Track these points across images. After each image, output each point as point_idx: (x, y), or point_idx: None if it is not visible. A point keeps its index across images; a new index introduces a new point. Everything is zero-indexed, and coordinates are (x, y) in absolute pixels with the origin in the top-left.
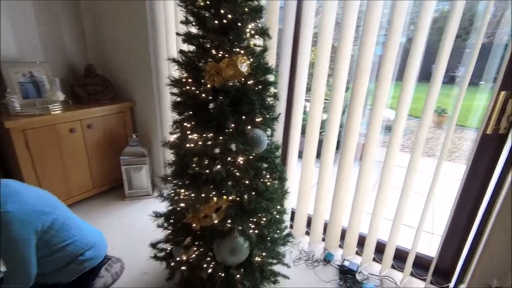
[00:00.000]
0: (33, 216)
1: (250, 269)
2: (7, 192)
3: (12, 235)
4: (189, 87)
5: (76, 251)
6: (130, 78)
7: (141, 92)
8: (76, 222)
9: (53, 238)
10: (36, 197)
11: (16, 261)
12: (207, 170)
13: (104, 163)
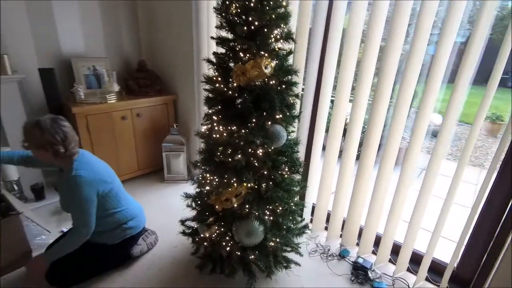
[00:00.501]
0: (97, 182)
1: (264, 252)
2: (82, 160)
3: (81, 195)
4: (219, 84)
5: (122, 219)
6: (175, 74)
7: (184, 87)
8: (125, 195)
9: (107, 203)
10: (101, 168)
11: (81, 216)
12: (230, 159)
13: (148, 148)
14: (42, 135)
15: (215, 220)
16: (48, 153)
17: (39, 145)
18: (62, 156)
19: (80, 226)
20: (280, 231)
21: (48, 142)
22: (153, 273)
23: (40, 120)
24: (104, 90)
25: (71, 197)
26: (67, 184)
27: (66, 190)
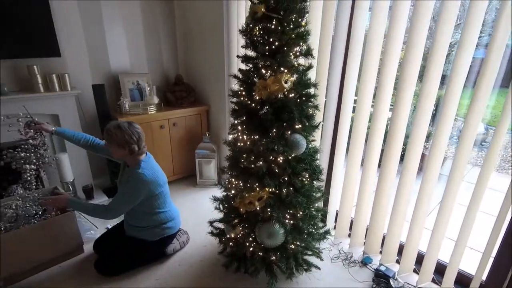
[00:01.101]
0: (153, 184)
1: (285, 254)
2: (148, 161)
3: (133, 188)
4: (243, 98)
5: (163, 219)
6: (207, 86)
7: (215, 98)
8: (169, 199)
9: (155, 203)
10: (160, 173)
11: (118, 202)
12: (253, 165)
13: (183, 155)
14: (123, 135)
15: (239, 222)
16: (124, 151)
17: (119, 144)
18: (134, 154)
19: (110, 207)
20: (301, 235)
21: (126, 141)
22: (184, 269)
23: (120, 123)
24: (146, 102)
25: (123, 187)
26: (128, 176)
27: (125, 181)
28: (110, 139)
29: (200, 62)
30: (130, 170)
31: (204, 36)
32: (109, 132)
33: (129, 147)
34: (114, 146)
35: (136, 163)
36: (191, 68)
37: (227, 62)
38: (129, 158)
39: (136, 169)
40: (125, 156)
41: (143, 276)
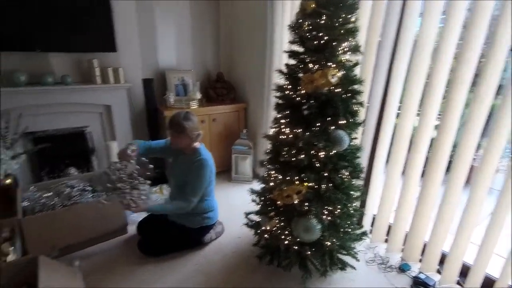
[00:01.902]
0: (212, 168)
1: (321, 250)
2: (203, 148)
3: (204, 174)
4: (288, 92)
5: (206, 208)
6: (247, 85)
7: (254, 96)
8: (213, 190)
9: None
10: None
11: (196, 189)
12: (294, 158)
13: (220, 150)
14: (193, 124)
15: (276, 214)
16: (188, 138)
17: (190, 133)
18: (195, 141)
19: (192, 196)
20: (337, 233)
21: (192, 128)
22: (219, 257)
23: (185, 115)
24: (189, 97)
25: (193, 174)
26: (191, 164)
27: (187, 169)
28: (182, 130)
29: (241, 61)
30: (189, 157)
31: (247, 35)
32: (181, 124)
33: (198, 134)
34: (185, 136)
35: (195, 150)
36: (232, 66)
37: (269, 60)
38: (189, 146)
39: (197, 156)
40: (189, 144)
41: (182, 260)
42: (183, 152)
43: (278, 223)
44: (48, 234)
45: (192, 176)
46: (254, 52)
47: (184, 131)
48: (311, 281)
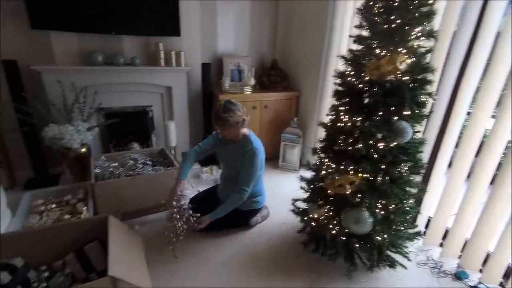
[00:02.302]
0: (262, 157)
1: (370, 244)
2: (253, 136)
3: (255, 164)
4: (350, 79)
5: (255, 192)
6: (301, 73)
7: (307, 85)
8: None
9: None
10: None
11: (249, 179)
12: (350, 148)
13: (269, 137)
14: (238, 113)
15: (325, 203)
16: (233, 128)
17: (237, 122)
18: (241, 127)
19: (245, 186)
20: (389, 229)
21: (235, 118)
22: (263, 240)
23: (226, 106)
24: (243, 83)
25: (245, 164)
26: (242, 154)
27: (238, 156)
28: (228, 122)
29: (297, 49)
30: (239, 146)
31: (305, 23)
32: (223, 118)
33: (243, 120)
34: (230, 127)
35: (244, 138)
36: (287, 54)
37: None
38: (239, 134)
39: (248, 145)
40: (237, 133)
41: (228, 238)
42: (233, 140)
43: (326, 212)
44: (114, 199)
45: (244, 166)
46: (310, 40)
47: (227, 122)
48: (356, 274)
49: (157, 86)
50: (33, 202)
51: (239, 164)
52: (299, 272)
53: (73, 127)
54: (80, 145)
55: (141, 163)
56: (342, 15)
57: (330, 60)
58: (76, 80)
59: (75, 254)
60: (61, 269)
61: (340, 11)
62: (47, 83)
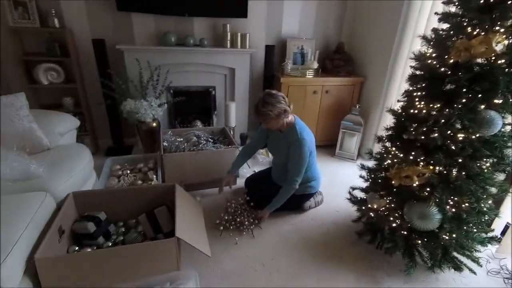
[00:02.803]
0: (311, 143)
1: (434, 243)
2: (300, 124)
3: (302, 154)
4: (431, 61)
5: (309, 177)
6: (368, 57)
7: (374, 69)
8: (315, 159)
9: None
10: (310, 131)
11: (298, 169)
12: (422, 137)
13: (327, 123)
14: (277, 105)
15: (387, 194)
16: (276, 120)
17: (278, 114)
18: (285, 118)
19: (295, 176)
20: (459, 229)
21: (275, 110)
22: (316, 224)
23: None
24: (305, 66)
25: (293, 155)
26: (289, 144)
27: (285, 146)
28: (269, 116)
29: (366, 31)
30: (286, 136)
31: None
32: (262, 112)
33: (284, 111)
34: (271, 119)
35: (291, 127)
36: (355, 37)
37: (401, 25)
38: (284, 124)
39: (294, 136)
40: (281, 124)
41: (281, 219)
42: (280, 130)
43: (388, 204)
44: (179, 170)
45: (292, 157)
46: (382, 21)
47: (268, 116)
48: (415, 271)
49: (221, 67)
50: (112, 167)
51: (286, 154)
52: (351, 260)
53: (147, 103)
54: (152, 119)
55: (203, 140)
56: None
57: (404, 42)
58: (151, 59)
59: (146, 215)
60: (134, 226)
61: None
62: (128, 61)
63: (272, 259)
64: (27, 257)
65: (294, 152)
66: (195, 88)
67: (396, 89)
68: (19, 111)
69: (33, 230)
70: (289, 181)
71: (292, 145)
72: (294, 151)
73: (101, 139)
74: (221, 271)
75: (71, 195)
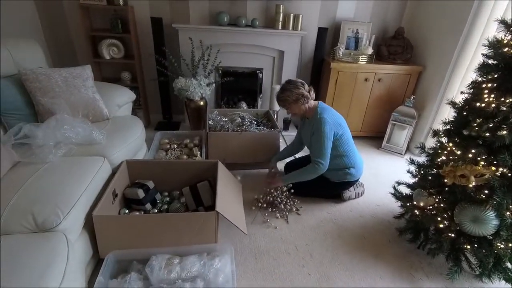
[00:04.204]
0: (335, 124)
1: (486, 249)
2: (322, 106)
3: (323, 132)
4: (508, 49)
5: (346, 164)
6: (430, 43)
7: (436, 58)
8: (353, 146)
9: (339, 146)
10: (336, 114)
11: (320, 150)
12: (487, 134)
13: (376, 113)
14: (293, 91)
15: (437, 192)
16: (301, 104)
17: (296, 100)
18: (305, 103)
19: (318, 158)
20: None
21: (298, 93)
22: (354, 216)
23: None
24: (359, 52)
25: (314, 135)
26: (311, 125)
27: (310, 131)
28: (288, 102)
29: (432, 15)
30: (310, 120)
31: None
32: (283, 99)
33: (302, 95)
34: (293, 105)
35: (313, 112)
36: (417, 21)
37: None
38: (307, 109)
39: (315, 116)
40: (303, 109)
41: (318, 206)
42: (306, 116)
43: (437, 203)
44: (222, 149)
45: (314, 137)
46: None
47: (287, 102)
48: (459, 277)
49: (271, 50)
50: (161, 141)
51: (311, 137)
52: (388, 256)
53: (196, 81)
54: (200, 98)
55: (247, 121)
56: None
57: (476, 27)
58: (203, 39)
59: (189, 188)
60: (177, 198)
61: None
62: (181, 40)
63: (306, 244)
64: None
65: (315, 133)
66: (242, 69)
67: (459, 80)
68: (85, 82)
69: (92, 191)
70: (313, 162)
71: (314, 125)
72: (315, 131)
73: (153, 114)
74: (255, 249)
75: (125, 163)
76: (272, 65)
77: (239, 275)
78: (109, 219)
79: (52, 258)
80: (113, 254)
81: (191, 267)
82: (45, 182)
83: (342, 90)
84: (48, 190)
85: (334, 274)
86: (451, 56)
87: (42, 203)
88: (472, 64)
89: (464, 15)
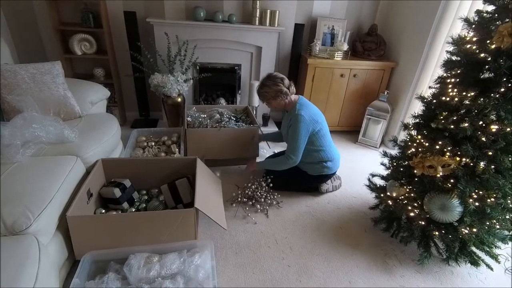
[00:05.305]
0: (312, 121)
1: (452, 235)
2: (302, 102)
3: (298, 129)
4: (470, 46)
5: (323, 157)
6: (402, 40)
7: (408, 54)
8: (330, 140)
9: (316, 141)
10: (315, 110)
11: (293, 146)
12: (452, 126)
13: (352, 108)
14: (271, 86)
15: (408, 183)
16: (274, 100)
17: (275, 95)
18: (288, 95)
19: (290, 153)
20: (481, 224)
21: (277, 89)
22: (332, 208)
23: (261, 81)
24: (335, 48)
25: (290, 129)
26: (289, 119)
27: (288, 124)
28: (266, 98)
29: (403, 13)
30: (289, 114)
31: None
32: (262, 94)
33: (281, 92)
34: (271, 100)
35: (293, 106)
36: (390, 19)
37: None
38: (286, 104)
39: (293, 112)
40: (282, 104)
41: (297, 199)
42: (286, 111)
43: (408, 193)
44: (201, 145)
45: (290, 131)
46: (421, 3)
47: (266, 97)
48: (428, 262)
49: (248, 45)
50: (138, 138)
51: (288, 131)
52: (364, 245)
53: (173, 78)
54: (177, 94)
55: (226, 117)
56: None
57: (443, 25)
58: (179, 34)
59: (168, 186)
60: (156, 195)
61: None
62: (157, 35)
63: (285, 238)
64: (59, 215)
65: (290, 128)
66: (220, 65)
67: (429, 76)
68: (55, 78)
69: (65, 191)
70: (286, 155)
71: (291, 120)
72: (292, 125)
73: (129, 111)
74: (235, 244)
75: (100, 161)
76: (250, 61)
77: (219, 270)
78: (84, 220)
79: (23, 262)
80: (90, 255)
81: (170, 264)
82: (14, 183)
83: (319, 85)
84: (17, 191)
85: (313, 265)
86: (421, 53)
87: (11, 204)
88: (440, 60)
89: (432, 13)
